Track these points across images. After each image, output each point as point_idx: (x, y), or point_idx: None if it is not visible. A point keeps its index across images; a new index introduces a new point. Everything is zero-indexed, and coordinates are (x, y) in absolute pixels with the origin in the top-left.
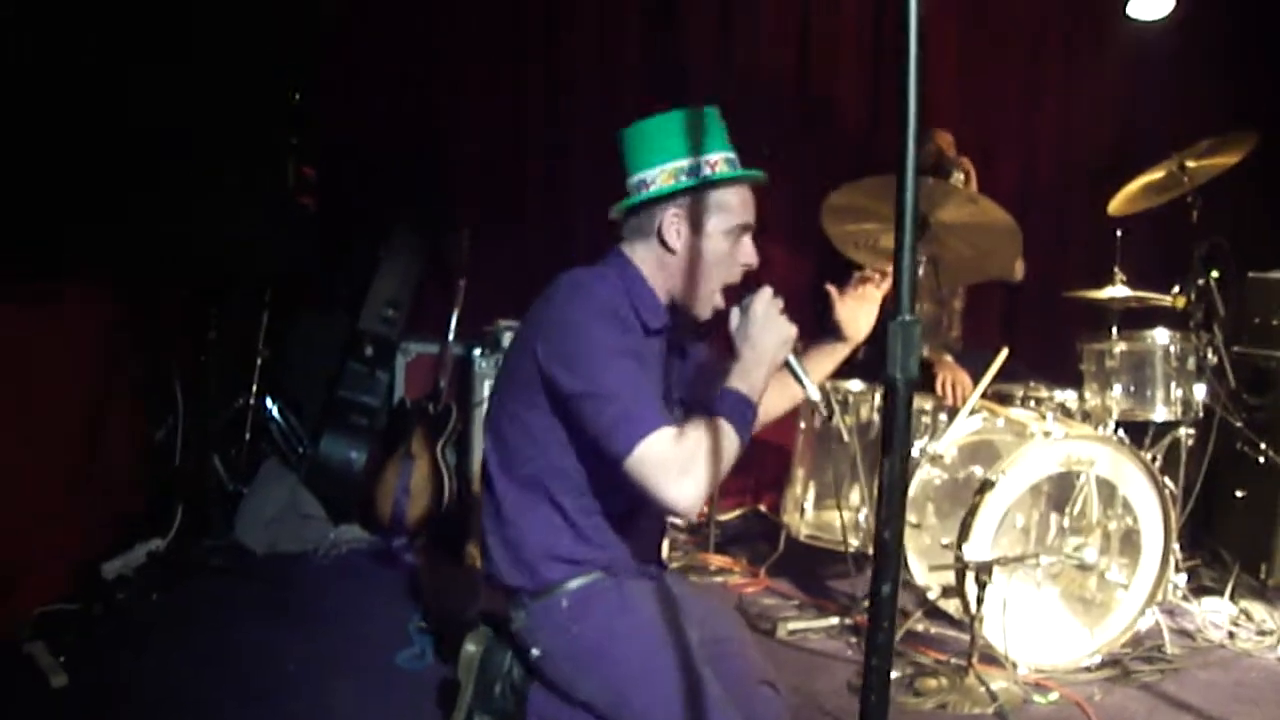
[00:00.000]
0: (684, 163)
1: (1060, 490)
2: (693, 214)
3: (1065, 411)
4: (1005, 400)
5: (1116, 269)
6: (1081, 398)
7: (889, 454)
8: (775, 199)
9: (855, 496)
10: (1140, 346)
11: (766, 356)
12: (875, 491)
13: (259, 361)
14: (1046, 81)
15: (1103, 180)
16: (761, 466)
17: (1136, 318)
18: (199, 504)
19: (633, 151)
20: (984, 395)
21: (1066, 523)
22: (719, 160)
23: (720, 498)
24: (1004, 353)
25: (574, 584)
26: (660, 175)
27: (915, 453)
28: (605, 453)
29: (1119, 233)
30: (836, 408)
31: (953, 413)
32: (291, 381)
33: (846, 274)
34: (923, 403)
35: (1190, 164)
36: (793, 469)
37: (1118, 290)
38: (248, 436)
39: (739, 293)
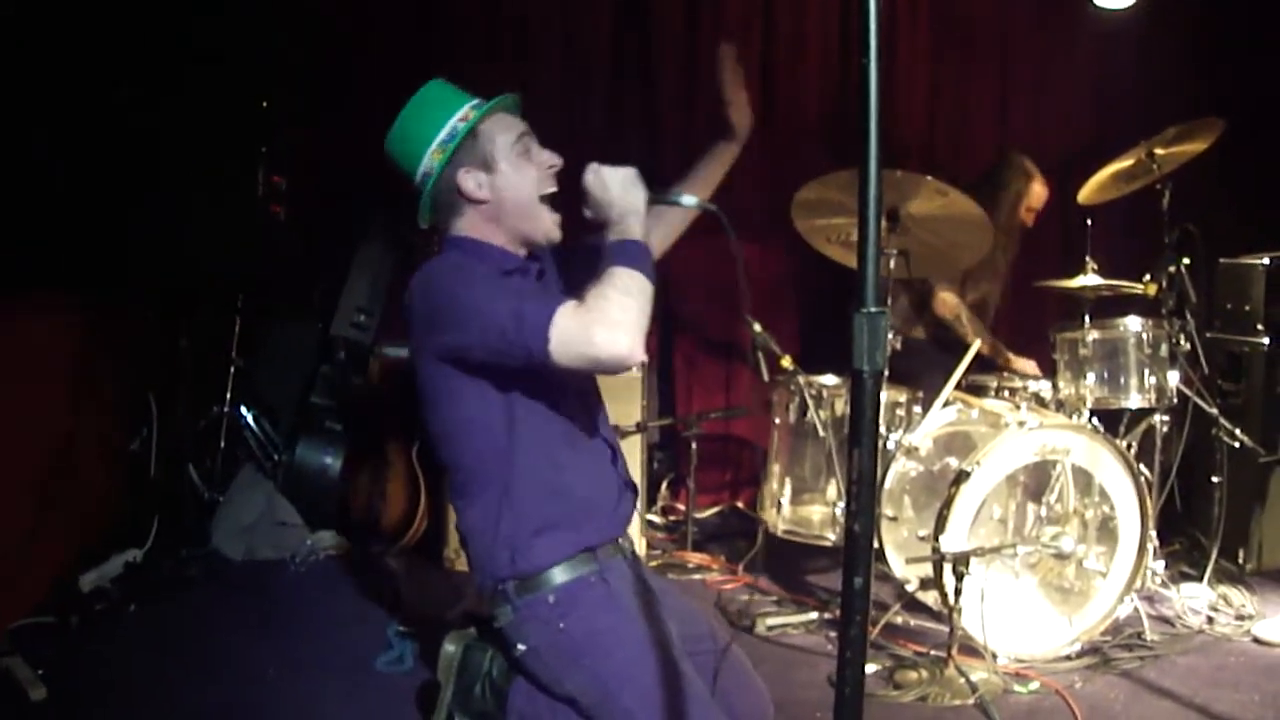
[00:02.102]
0: (442, 134)
1: (1036, 480)
2: (476, 160)
3: (1040, 401)
4: (979, 391)
5: (1088, 258)
6: (1055, 387)
7: (857, 446)
8: (746, 197)
9: (832, 491)
10: (1113, 334)
11: (627, 205)
12: None
13: (232, 369)
14: (1015, 71)
15: (1072, 169)
16: (738, 463)
17: (1109, 306)
18: (175, 513)
19: (401, 158)
20: (957, 386)
21: (1043, 512)
22: (466, 111)
23: (697, 494)
24: (975, 344)
25: (560, 577)
26: (429, 157)
27: (890, 445)
28: (529, 364)
29: (1089, 221)
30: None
31: (927, 405)
32: (265, 389)
33: (819, 269)
34: (896, 395)
35: (1159, 151)
36: (769, 465)
37: (1089, 279)
38: (223, 445)
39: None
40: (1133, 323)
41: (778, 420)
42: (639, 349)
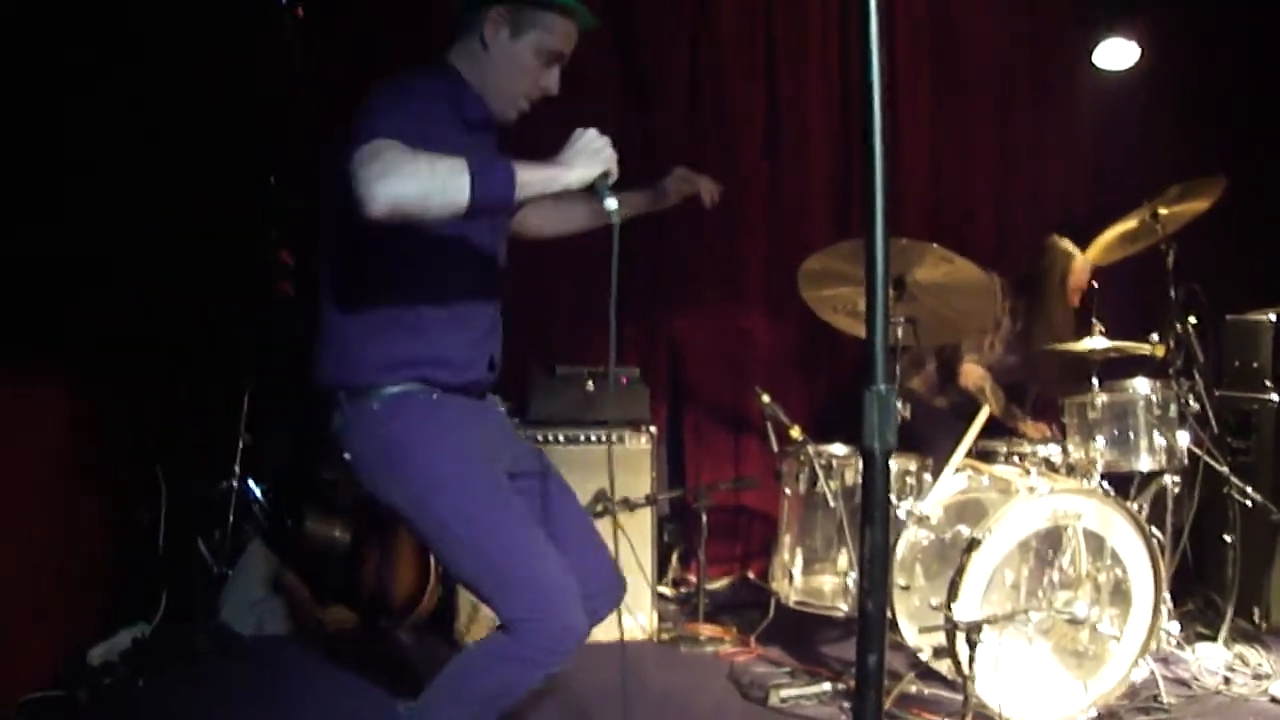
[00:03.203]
0: None
1: (1048, 545)
2: (514, 20)
3: (1050, 466)
4: (989, 457)
5: (1094, 320)
6: (1065, 451)
7: (870, 524)
8: (751, 268)
9: (843, 560)
10: (1122, 397)
11: (562, 161)
12: None
13: (241, 444)
14: (1017, 137)
15: (1076, 231)
16: (749, 534)
17: (1117, 368)
18: (184, 587)
19: None
20: (967, 453)
21: (1056, 577)
22: None
23: (708, 566)
24: (985, 411)
25: (390, 389)
26: None
27: (901, 514)
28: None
29: (1095, 284)
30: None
31: (937, 473)
32: (274, 463)
33: (825, 339)
34: (906, 463)
35: (1162, 211)
36: (780, 535)
37: (1097, 341)
38: (231, 519)
39: None
40: (1141, 385)
41: (788, 490)
42: (383, 206)
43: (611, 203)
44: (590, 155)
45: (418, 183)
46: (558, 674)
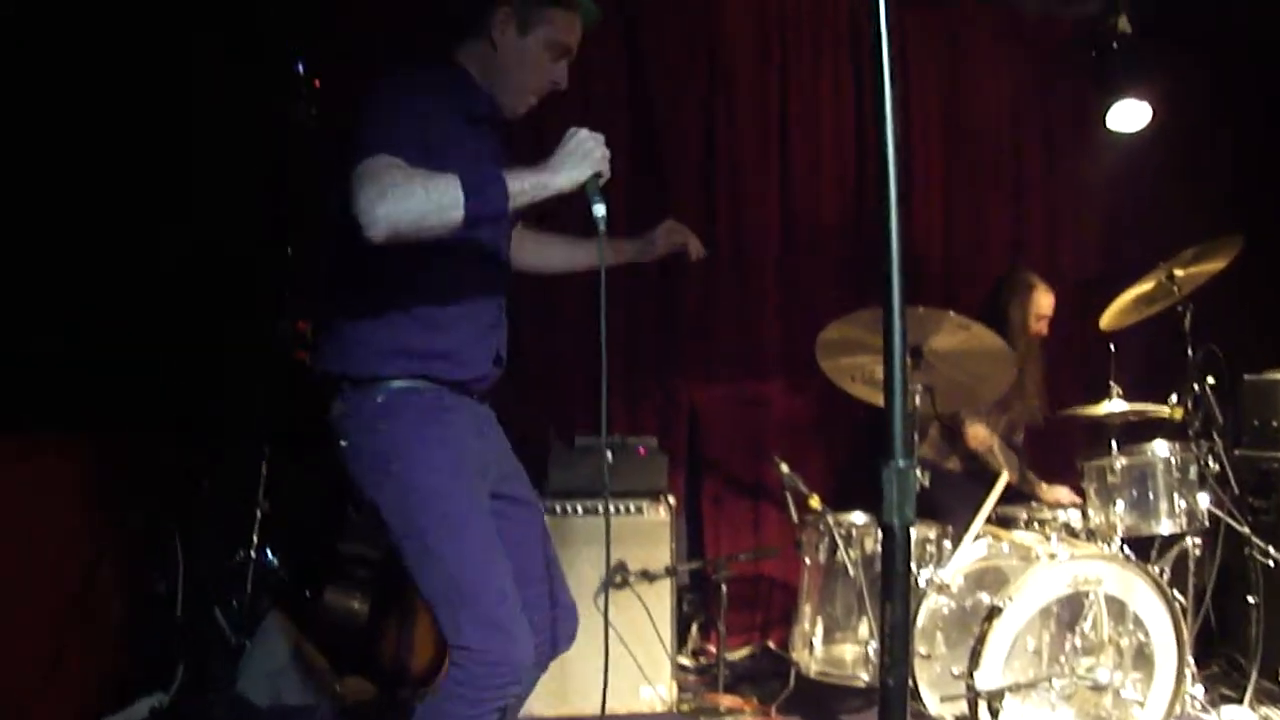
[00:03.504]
0: None
1: (1070, 610)
2: (522, 17)
3: (1070, 531)
4: (1009, 523)
5: (1112, 383)
6: (1085, 516)
7: (890, 600)
8: (768, 336)
9: (864, 630)
10: (1141, 460)
11: (553, 164)
12: None
13: (259, 513)
14: (1030, 200)
15: (1092, 294)
16: (769, 603)
17: (1135, 430)
18: (201, 657)
19: None
20: (987, 520)
21: (1078, 642)
22: None
23: (728, 636)
24: (1003, 478)
25: (395, 383)
26: None
27: (921, 582)
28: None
29: (1112, 347)
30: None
31: (957, 540)
32: (292, 532)
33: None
34: (926, 531)
35: (1179, 273)
36: (800, 605)
37: (1115, 405)
38: (249, 588)
39: None
40: (1160, 448)
41: (808, 560)
42: (382, 229)
43: (599, 208)
44: (581, 157)
45: (414, 205)
46: None
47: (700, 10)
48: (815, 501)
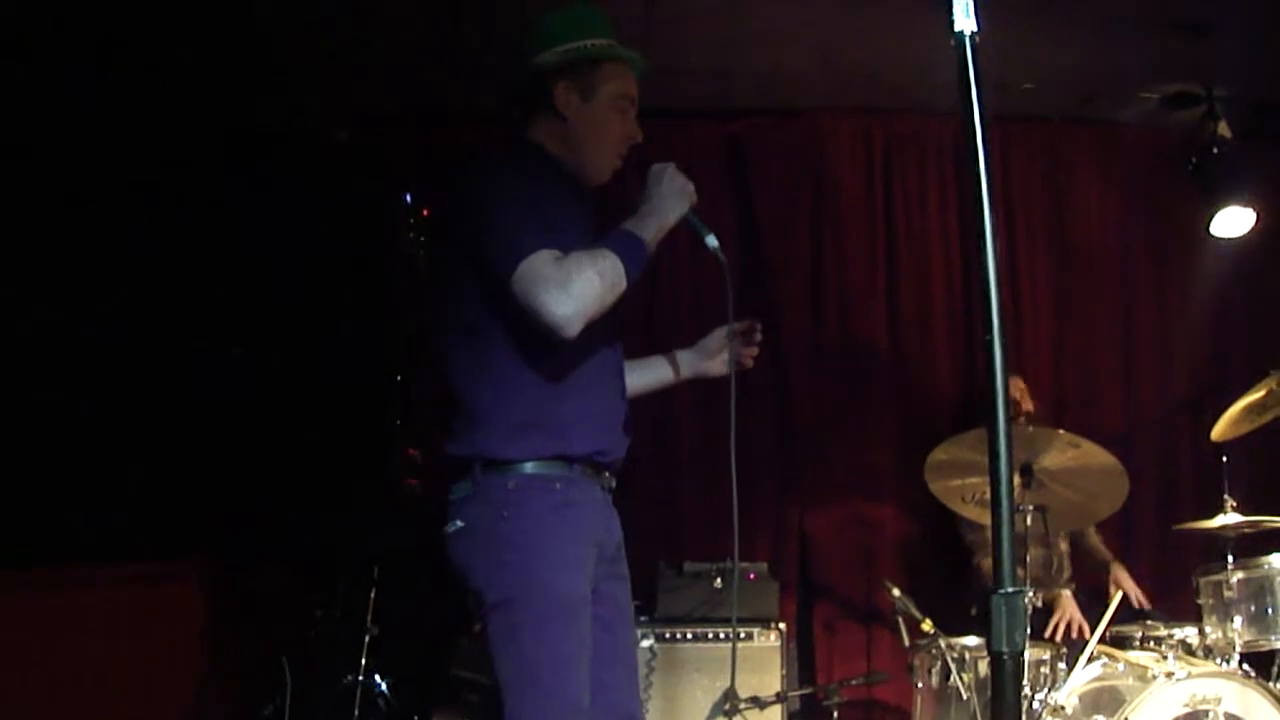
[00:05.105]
0: (571, 43)
1: None
2: (580, 84)
3: (1186, 649)
4: (1123, 643)
5: (1226, 496)
6: (1202, 632)
7: None
8: (880, 456)
9: None
10: (1258, 573)
11: (660, 206)
12: None
13: (368, 638)
14: (1139, 312)
15: (1203, 405)
16: None
17: (1251, 543)
18: None
19: (531, 40)
20: (1101, 639)
21: None
22: (602, 42)
23: None
24: (1118, 596)
25: (529, 469)
26: (549, 53)
27: (1035, 705)
28: (499, 281)
29: (1224, 458)
30: None
31: (1071, 661)
32: (401, 658)
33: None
34: (1040, 653)
35: None
36: None
37: (1229, 518)
38: (357, 713)
39: None
40: (1278, 560)
41: (920, 684)
42: (577, 324)
43: (711, 239)
44: (677, 191)
45: (594, 292)
46: None
47: (805, 135)
48: (928, 625)
